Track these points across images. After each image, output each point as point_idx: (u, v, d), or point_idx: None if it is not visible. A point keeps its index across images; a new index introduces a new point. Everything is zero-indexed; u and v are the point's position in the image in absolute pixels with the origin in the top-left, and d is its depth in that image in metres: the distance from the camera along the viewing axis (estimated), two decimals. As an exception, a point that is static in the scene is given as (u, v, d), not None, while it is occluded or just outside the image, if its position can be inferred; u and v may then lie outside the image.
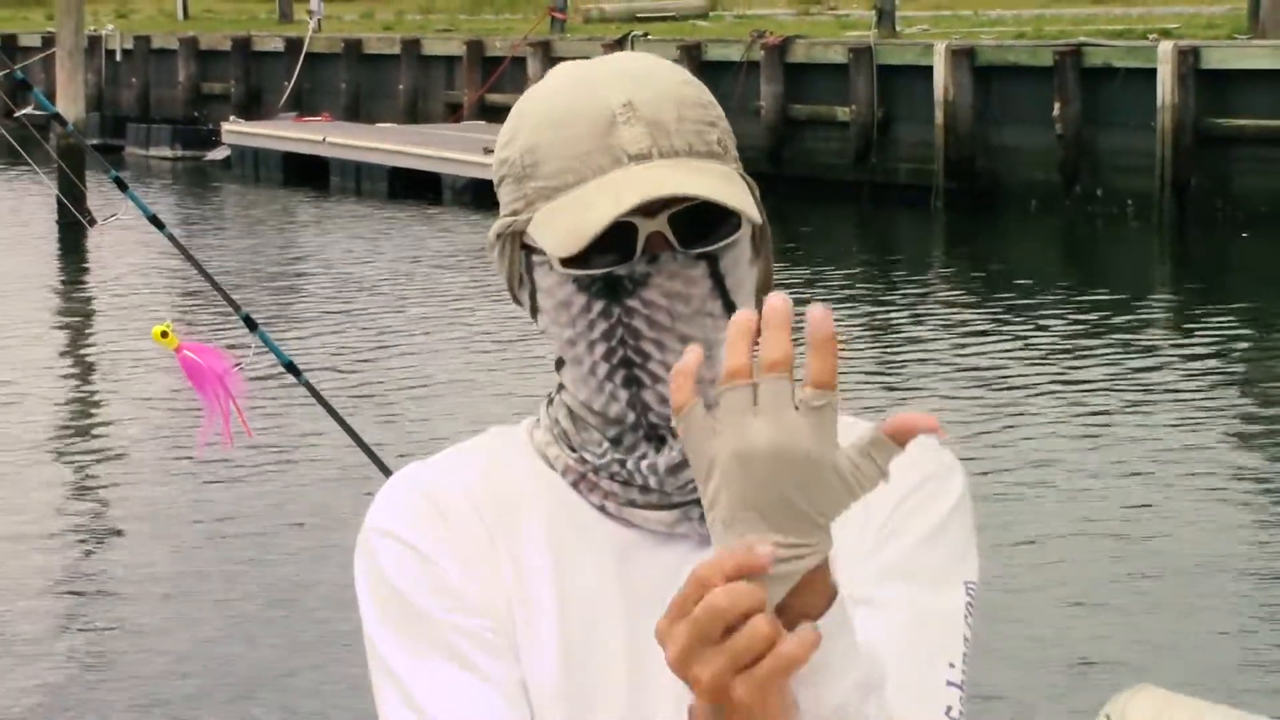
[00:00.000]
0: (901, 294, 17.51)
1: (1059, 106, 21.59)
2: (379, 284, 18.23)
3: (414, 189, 25.10)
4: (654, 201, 1.61)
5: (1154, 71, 20.87)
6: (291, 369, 5.55)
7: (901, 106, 23.49)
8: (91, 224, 9.56)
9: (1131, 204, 21.22)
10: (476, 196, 23.54)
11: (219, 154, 30.16)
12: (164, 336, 4.99)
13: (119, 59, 36.10)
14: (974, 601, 1.70)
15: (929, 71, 22.92)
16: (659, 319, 1.65)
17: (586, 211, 1.61)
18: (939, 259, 20.66)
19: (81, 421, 12.88)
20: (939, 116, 22.73)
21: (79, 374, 14.70)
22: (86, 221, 10.91)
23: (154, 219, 5.96)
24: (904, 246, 21.75)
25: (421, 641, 1.66)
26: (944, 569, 1.69)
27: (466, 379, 13.64)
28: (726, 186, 1.63)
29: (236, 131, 29.44)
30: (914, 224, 22.57)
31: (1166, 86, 20.72)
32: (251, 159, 28.78)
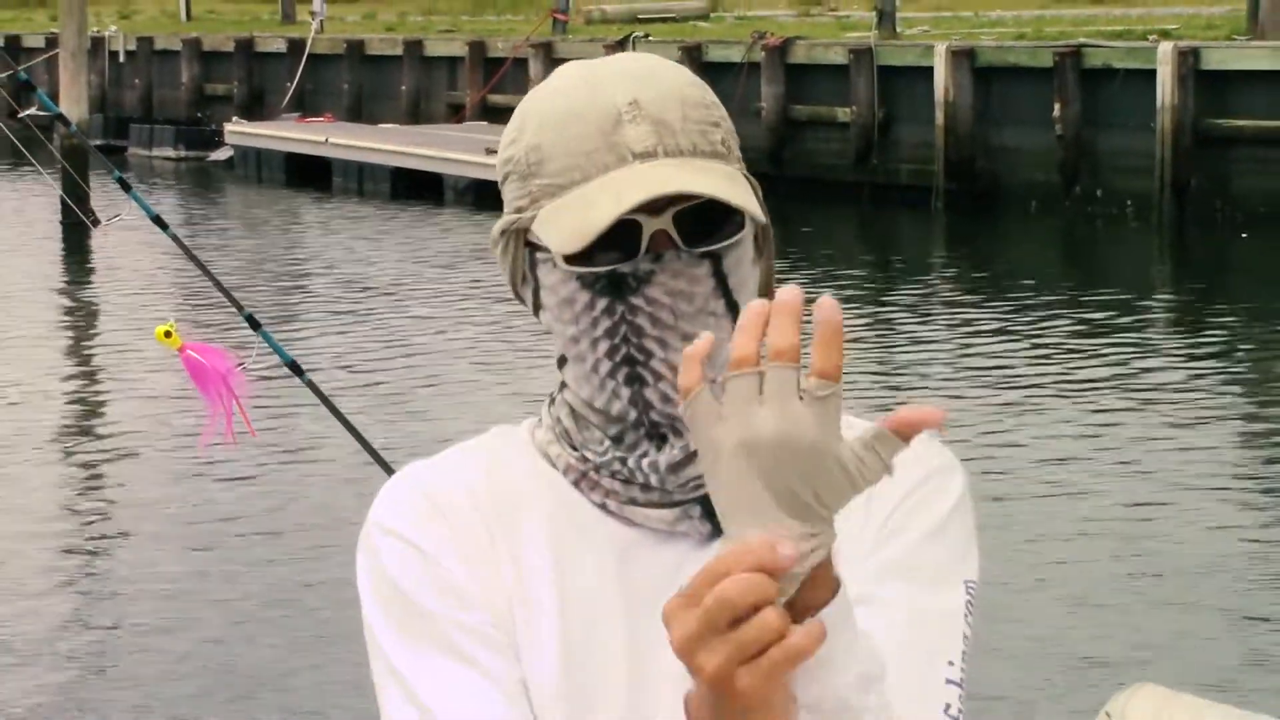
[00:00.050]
0: (902, 295, 17.49)
1: (1059, 107, 21.57)
2: (381, 284, 18.22)
3: (416, 189, 25.09)
4: (658, 200, 1.61)
5: (1154, 72, 20.85)
6: (294, 369, 5.56)
7: (902, 107, 23.47)
8: (95, 224, 9.55)
9: (1131, 204, 21.21)
10: (478, 197, 23.55)
11: (222, 155, 30.15)
12: (167, 336, 5.00)
13: (122, 60, 36.08)
14: (974, 600, 1.70)
15: (929, 72, 22.90)
16: (662, 317, 1.65)
17: (591, 209, 1.62)
18: (939, 260, 20.62)
19: (85, 421, 12.88)
20: (939, 117, 22.71)
21: (82, 374, 14.70)
22: (90, 222, 10.90)
23: (157, 219, 5.97)
24: (904, 247, 21.73)
25: (423, 639, 1.66)
26: (944, 568, 1.69)
27: (469, 379, 13.64)
28: (731, 186, 1.63)
29: (239, 132, 29.43)
30: (914, 225, 22.55)
31: (1166, 87, 20.71)
32: (254, 159, 28.76)
